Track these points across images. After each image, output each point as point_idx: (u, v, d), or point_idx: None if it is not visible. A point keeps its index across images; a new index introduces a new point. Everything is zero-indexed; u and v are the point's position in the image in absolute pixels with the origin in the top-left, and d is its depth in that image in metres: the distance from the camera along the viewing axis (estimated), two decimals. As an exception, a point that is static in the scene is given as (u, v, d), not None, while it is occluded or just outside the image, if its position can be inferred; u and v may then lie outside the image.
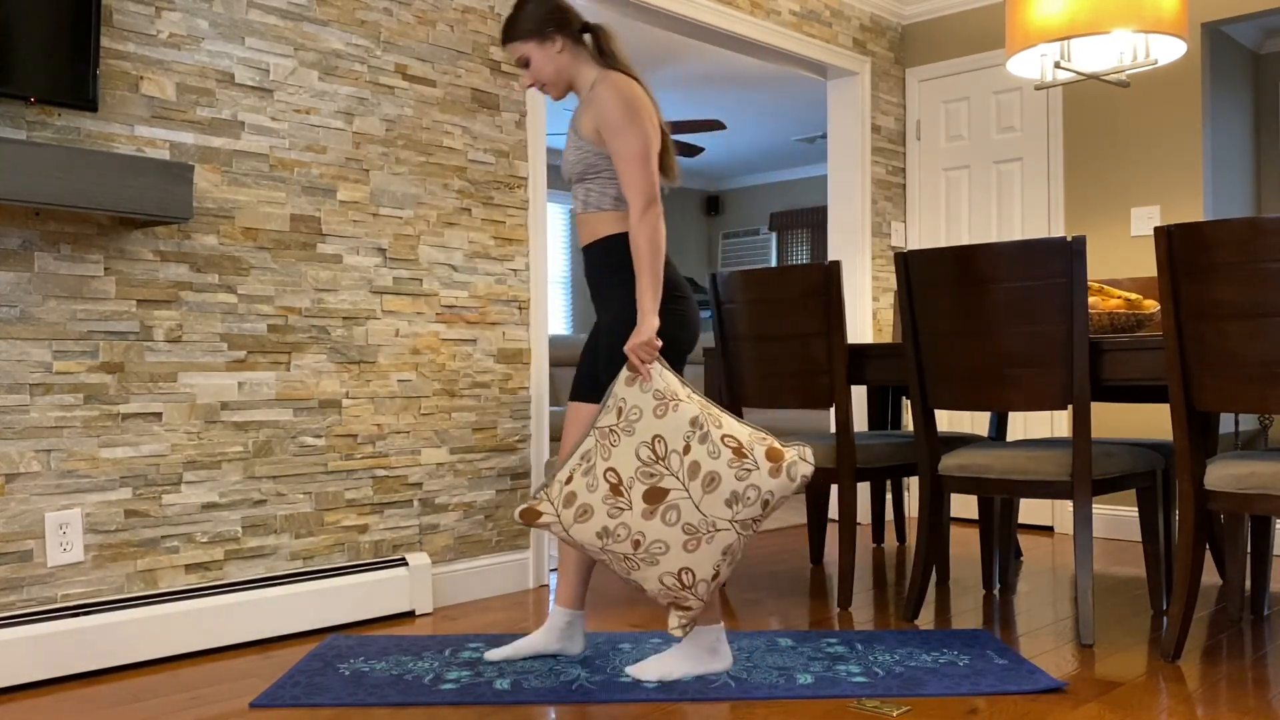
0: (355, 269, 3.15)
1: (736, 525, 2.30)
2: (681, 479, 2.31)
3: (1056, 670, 2.59)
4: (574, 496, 2.36)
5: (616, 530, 2.32)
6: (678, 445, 2.32)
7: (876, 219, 5.13)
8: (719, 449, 2.31)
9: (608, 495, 2.33)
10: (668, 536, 2.29)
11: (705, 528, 2.29)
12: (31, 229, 2.54)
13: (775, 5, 4.58)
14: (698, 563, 2.30)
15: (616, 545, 2.32)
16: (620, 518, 2.31)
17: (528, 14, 2.53)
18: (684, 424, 2.33)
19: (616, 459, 2.34)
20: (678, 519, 2.29)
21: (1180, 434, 2.62)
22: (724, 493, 2.29)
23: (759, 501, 2.30)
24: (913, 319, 3.10)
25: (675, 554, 2.30)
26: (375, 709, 2.31)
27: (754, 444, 2.33)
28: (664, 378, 2.39)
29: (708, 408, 2.37)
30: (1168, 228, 2.59)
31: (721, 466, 2.30)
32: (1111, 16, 3.06)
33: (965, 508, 5.02)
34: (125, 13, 2.68)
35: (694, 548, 2.29)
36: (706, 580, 2.31)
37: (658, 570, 2.31)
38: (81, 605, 2.59)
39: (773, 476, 2.31)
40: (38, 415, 2.55)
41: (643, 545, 2.31)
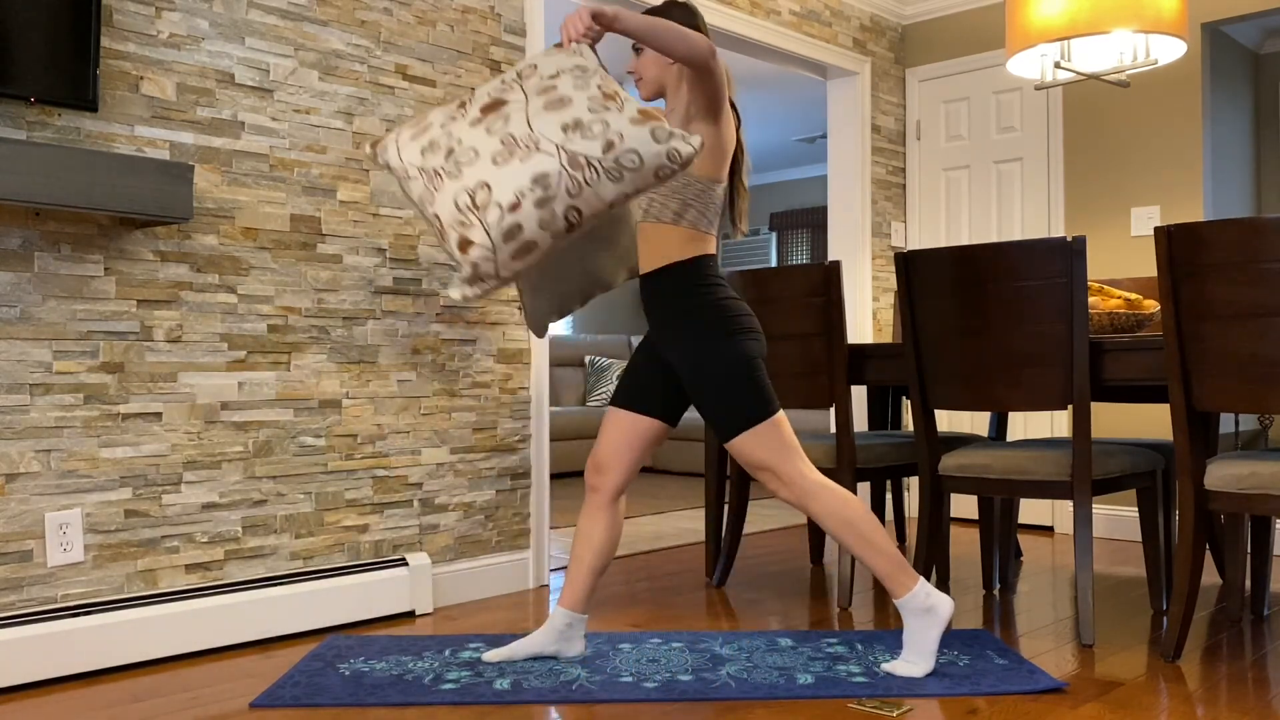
0: (355, 269, 3.15)
1: (563, 154, 1.93)
2: (527, 92, 1.99)
3: (1056, 670, 2.59)
4: (424, 117, 2.15)
5: (438, 140, 2.03)
6: (546, 71, 2.02)
7: (876, 219, 5.13)
8: (589, 86, 1.98)
9: (454, 109, 2.08)
10: (482, 144, 1.97)
11: (526, 143, 1.94)
12: (31, 229, 2.54)
13: (775, 5, 4.58)
14: (499, 181, 1.94)
15: (431, 159, 2.02)
16: (449, 126, 2.04)
17: (670, 18, 2.53)
18: (568, 64, 2.03)
19: (484, 86, 2.11)
20: (503, 128, 1.97)
21: (1180, 434, 2.62)
22: (566, 115, 1.95)
23: (601, 139, 1.94)
24: (913, 319, 3.10)
25: (482, 165, 1.96)
26: (375, 709, 2.31)
27: (633, 100, 2.02)
28: (585, 55, 2.10)
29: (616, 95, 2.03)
30: (1167, 228, 2.59)
31: (579, 96, 1.96)
32: (1111, 16, 3.06)
33: (965, 508, 5.03)
34: (125, 13, 2.68)
35: (503, 161, 1.94)
36: (500, 206, 1.94)
37: (457, 185, 1.97)
38: (81, 605, 2.59)
39: (634, 124, 1.97)
40: (38, 415, 2.55)
41: (455, 153, 2.00)
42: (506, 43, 3.55)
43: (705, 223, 2.53)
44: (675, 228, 2.51)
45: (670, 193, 2.50)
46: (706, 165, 2.48)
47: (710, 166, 2.49)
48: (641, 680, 2.46)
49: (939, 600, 2.49)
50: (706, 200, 2.51)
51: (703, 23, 2.57)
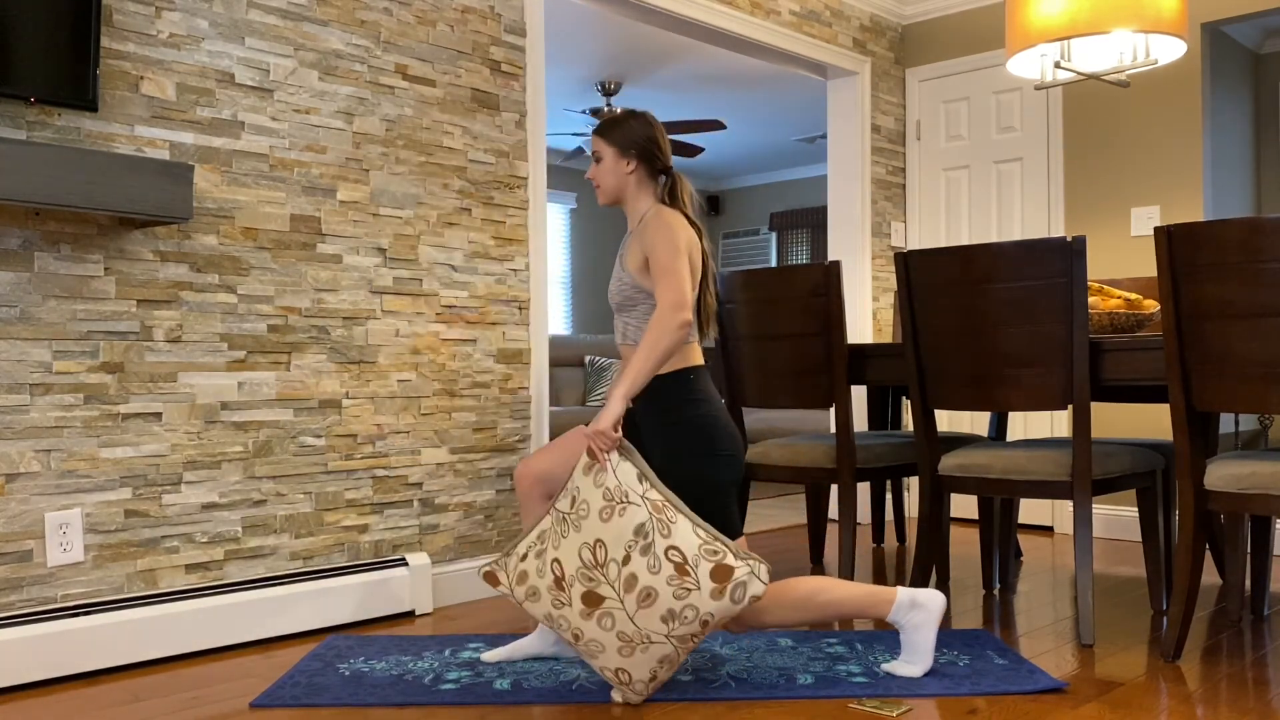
0: (355, 269, 3.15)
1: (673, 640, 2.24)
2: (617, 590, 2.24)
3: (1056, 670, 2.59)
4: (525, 576, 2.36)
5: (559, 620, 2.32)
6: (618, 554, 2.25)
7: (876, 219, 5.13)
8: (660, 563, 2.22)
9: (552, 586, 2.32)
10: (603, 639, 2.26)
11: (639, 639, 2.23)
12: (31, 229, 2.54)
13: (775, 5, 4.58)
14: (633, 666, 2.27)
15: (561, 631, 2.33)
16: (562, 610, 2.30)
17: (626, 128, 2.59)
18: (627, 532, 2.25)
19: (563, 551, 2.31)
20: (612, 626, 2.25)
21: (1180, 434, 2.62)
22: (660, 609, 2.21)
23: (697, 621, 2.22)
24: (913, 319, 3.10)
25: (611, 655, 2.27)
26: (375, 709, 2.31)
27: (700, 560, 2.22)
28: (620, 472, 2.30)
29: (662, 510, 2.27)
30: (1167, 228, 2.59)
31: (660, 583, 2.21)
32: (1111, 16, 3.05)
33: (965, 508, 5.02)
34: (125, 13, 2.68)
35: (628, 654, 2.26)
36: (644, 681, 2.28)
37: (597, 663, 2.31)
38: (81, 605, 2.59)
39: (714, 599, 2.21)
40: (38, 415, 2.55)
41: (581, 640, 2.29)
42: (506, 43, 3.55)
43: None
44: None
45: (643, 316, 2.55)
46: None
47: None
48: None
49: (926, 598, 2.48)
50: None
51: (658, 132, 2.60)
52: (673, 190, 2.61)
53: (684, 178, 2.63)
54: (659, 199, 2.62)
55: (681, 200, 2.60)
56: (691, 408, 2.48)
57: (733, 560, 2.23)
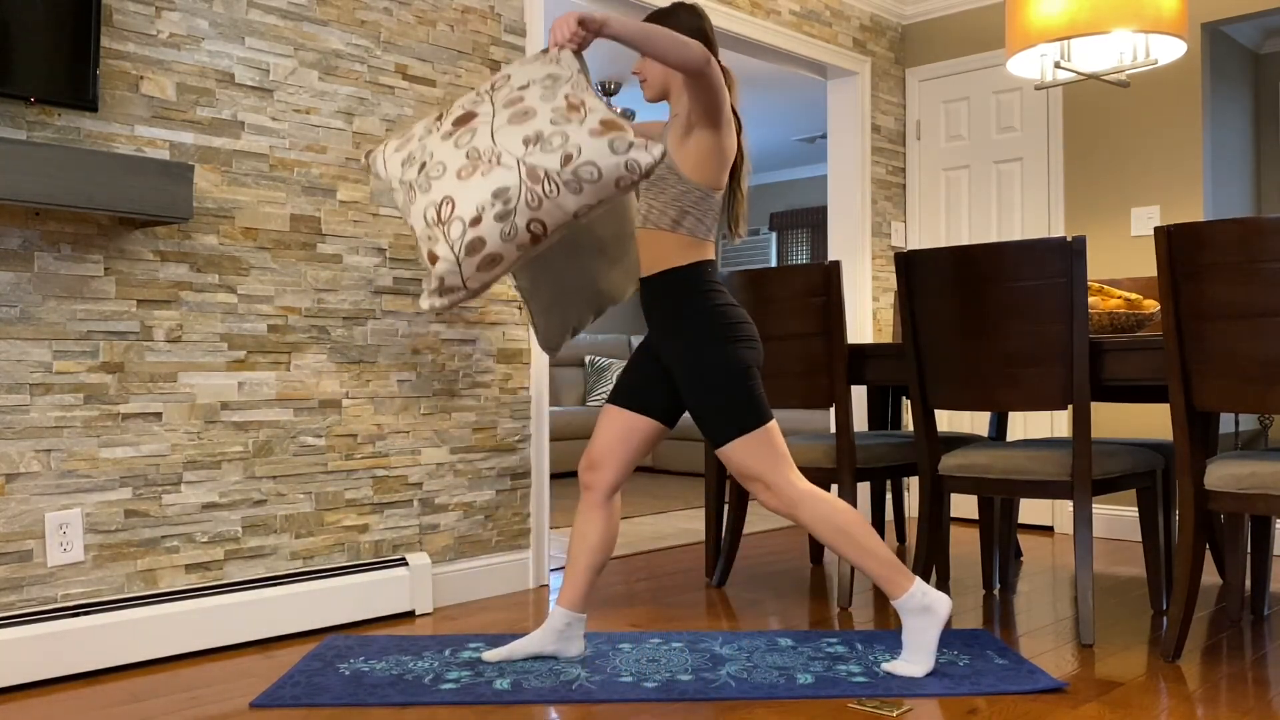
0: (355, 269, 3.15)
1: (522, 166, 1.97)
2: (495, 104, 2.03)
3: (1056, 670, 2.59)
4: (409, 128, 2.22)
5: (415, 154, 2.09)
6: (517, 82, 2.06)
7: (876, 219, 5.13)
8: (555, 97, 2.01)
9: (432, 121, 2.14)
10: (449, 158, 2.03)
11: (488, 157, 1.99)
12: (31, 229, 2.54)
13: (775, 5, 4.58)
14: (462, 195, 2.00)
15: (408, 172, 2.09)
16: (425, 140, 2.10)
17: (676, 19, 2.55)
18: (539, 74, 2.06)
19: (465, 97, 2.15)
20: (469, 141, 2.02)
21: (1180, 434, 2.62)
22: (528, 129, 1.98)
23: (560, 151, 1.97)
24: (913, 319, 3.10)
25: (447, 179, 2.01)
26: (375, 709, 2.31)
27: (597, 110, 2.02)
28: (563, 59, 2.12)
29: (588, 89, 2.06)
30: (1167, 228, 2.59)
31: (544, 108, 1.99)
32: (1111, 16, 3.06)
33: (965, 508, 5.02)
34: (125, 13, 2.68)
35: (466, 175, 2.00)
36: (462, 220, 1.99)
37: (426, 199, 2.04)
38: (81, 605, 2.59)
39: (592, 136, 1.98)
40: (38, 415, 2.55)
41: (426, 167, 2.06)
42: (506, 43, 3.55)
43: (703, 229, 2.53)
44: (673, 234, 2.51)
45: (669, 200, 2.50)
46: (706, 172, 2.48)
47: (710, 174, 2.49)
48: (641, 680, 2.46)
49: (936, 599, 2.49)
50: (705, 207, 2.52)
51: (708, 25, 2.57)
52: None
53: (731, 72, 2.58)
54: None
55: (731, 92, 2.57)
56: (709, 298, 2.51)
57: (630, 129, 2.05)
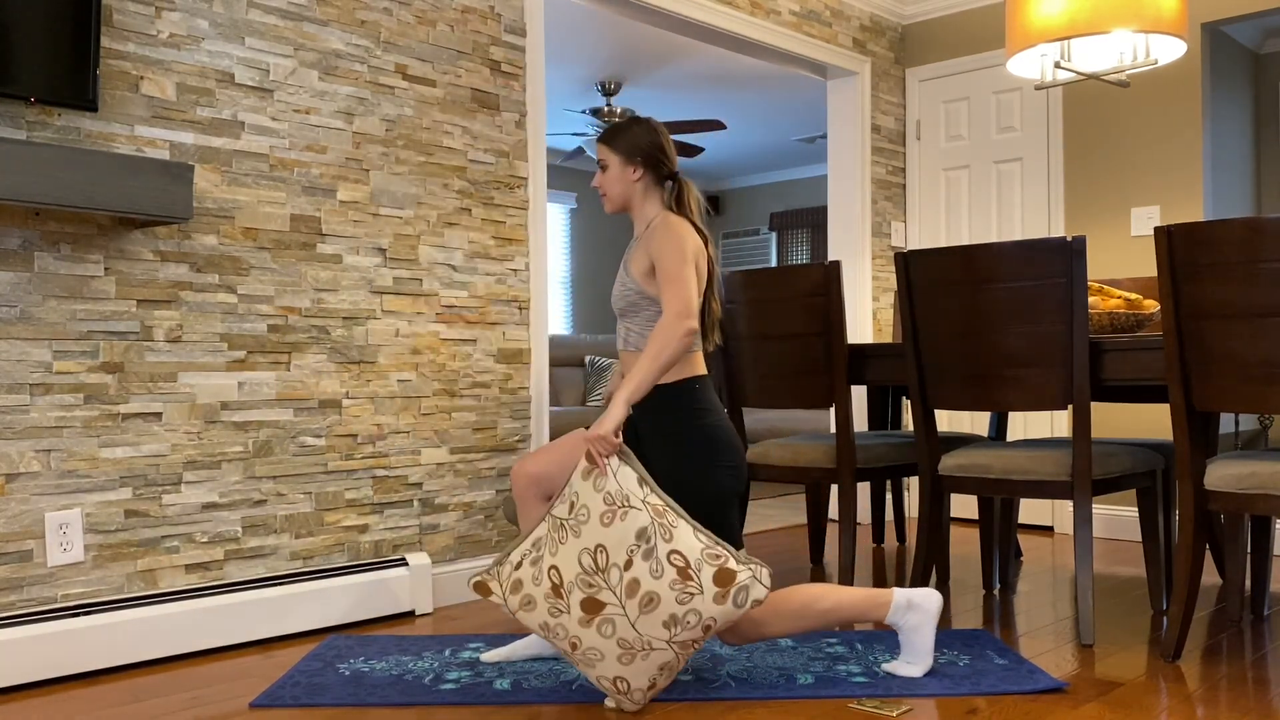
0: (355, 269, 3.15)
1: (674, 646, 2.21)
2: (619, 595, 2.22)
3: (1056, 670, 2.59)
4: (520, 584, 2.33)
5: (556, 629, 2.28)
6: (619, 559, 2.22)
7: (876, 219, 5.13)
8: (662, 567, 2.20)
9: (549, 594, 2.28)
10: (603, 647, 2.23)
11: (640, 645, 2.21)
12: (31, 229, 2.54)
13: (775, 5, 4.58)
14: (633, 674, 2.24)
15: (556, 640, 2.29)
16: (559, 618, 2.27)
17: (631, 135, 2.58)
18: (629, 536, 2.23)
19: (561, 558, 2.28)
20: (613, 633, 2.22)
21: (1180, 434, 2.62)
22: (662, 614, 2.19)
23: (699, 626, 2.20)
24: (913, 319, 3.10)
25: (610, 663, 2.24)
26: (375, 709, 2.31)
27: (703, 564, 2.21)
28: (620, 477, 2.28)
29: (663, 514, 2.25)
30: (1167, 228, 2.59)
31: (663, 587, 2.19)
32: (1111, 16, 3.05)
33: (965, 508, 5.02)
34: (125, 13, 2.68)
35: (628, 661, 2.23)
36: (642, 689, 2.26)
37: (595, 672, 2.27)
38: (81, 605, 2.59)
39: (717, 603, 2.19)
40: (38, 415, 2.55)
41: (579, 649, 2.26)
42: (506, 43, 3.55)
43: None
44: None
45: (644, 322, 2.53)
46: None
47: None
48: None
49: (922, 598, 2.48)
50: None
51: (663, 138, 2.59)
52: (679, 196, 2.60)
53: (690, 184, 2.62)
54: (666, 205, 2.61)
55: (688, 206, 2.59)
56: (696, 418, 2.47)
57: (735, 565, 2.22)
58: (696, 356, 2.54)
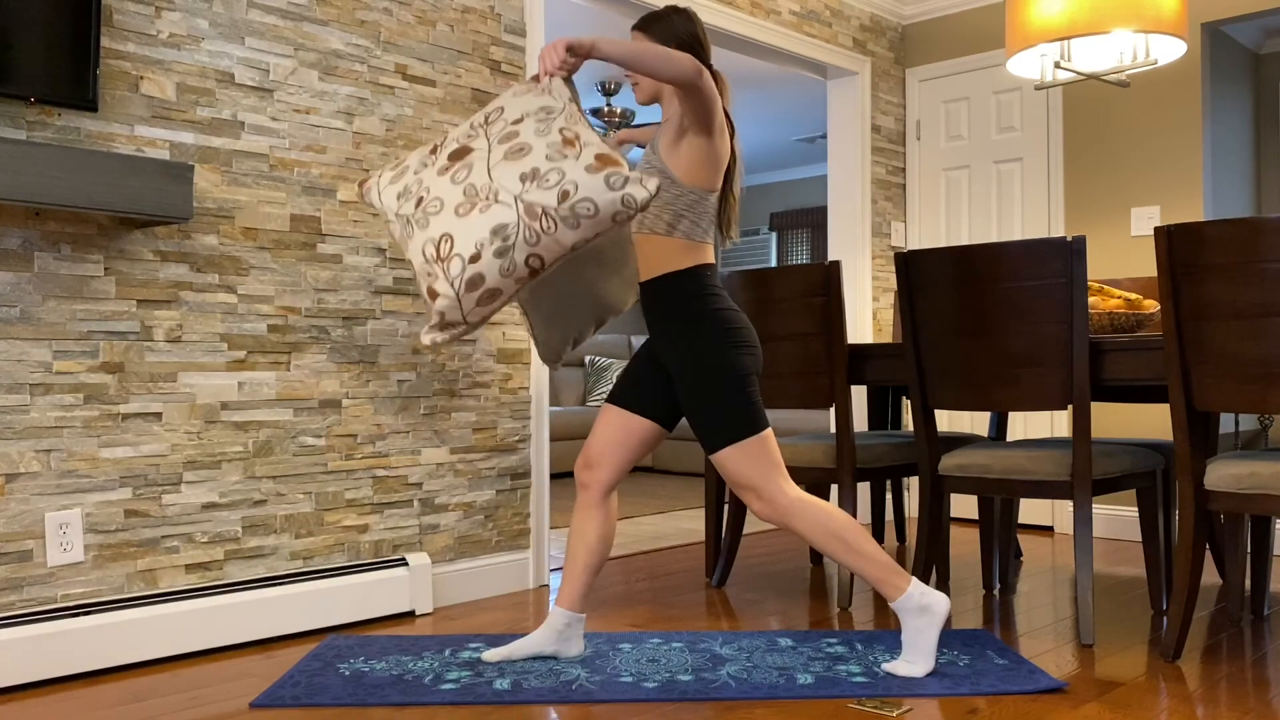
0: (355, 269, 3.15)
1: (520, 204, 1.97)
2: (490, 140, 2.03)
3: (1056, 670, 2.59)
4: (402, 159, 2.20)
5: (410, 187, 2.09)
6: (511, 115, 2.05)
7: (876, 219, 5.13)
8: (550, 131, 2.01)
9: (426, 154, 2.13)
10: (447, 194, 2.03)
11: (486, 194, 1.99)
12: (31, 229, 2.54)
13: (775, 5, 4.58)
14: (460, 232, 2.00)
15: (405, 206, 2.09)
16: (421, 174, 2.09)
17: (669, 23, 2.55)
18: (532, 107, 2.06)
19: (458, 129, 2.14)
20: (466, 177, 2.02)
21: (1180, 434, 2.62)
22: (524, 165, 1.99)
23: (557, 188, 1.97)
24: (913, 319, 3.10)
25: (445, 216, 2.01)
26: (375, 709, 2.31)
27: (592, 144, 2.02)
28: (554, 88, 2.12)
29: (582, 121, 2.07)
30: (1167, 228, 2.59)
31: (539, 144, 1.99)
32: (1111, 16, 3.06)
33: (965, 508, 5.02)
34: (125, 13, 2.68)
35: (465, 212, 2.00)
36: (461, 258, 1.99)
37: (424, 235, 2.05)
38: (81, 605, 2.59)
39: (588, 172, 1.98)
40: (38, 415, 2.55)
41: (424, 202, 2.05)
42: (506, 43, 3.55)
43: (700, 232, 2.52)
44: (670, 238, 2.51)
45: (664, 204, 2.49)
46: (700, 176, 2.48)
47: (704, 177, 2.49)
48: (641, 680, 2.46)
49: (934, 599, 2.49)
50: (700, 210, 2.51)
51: (700, 28, 2.57)
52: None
53: (723, 75, 2.57)
54: None
55: (722, 96, 2.56)
56: (709, 302, 2.50)
57: (625, 164, 2.05)
58: (706, 247, 2.54)
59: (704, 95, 2.36)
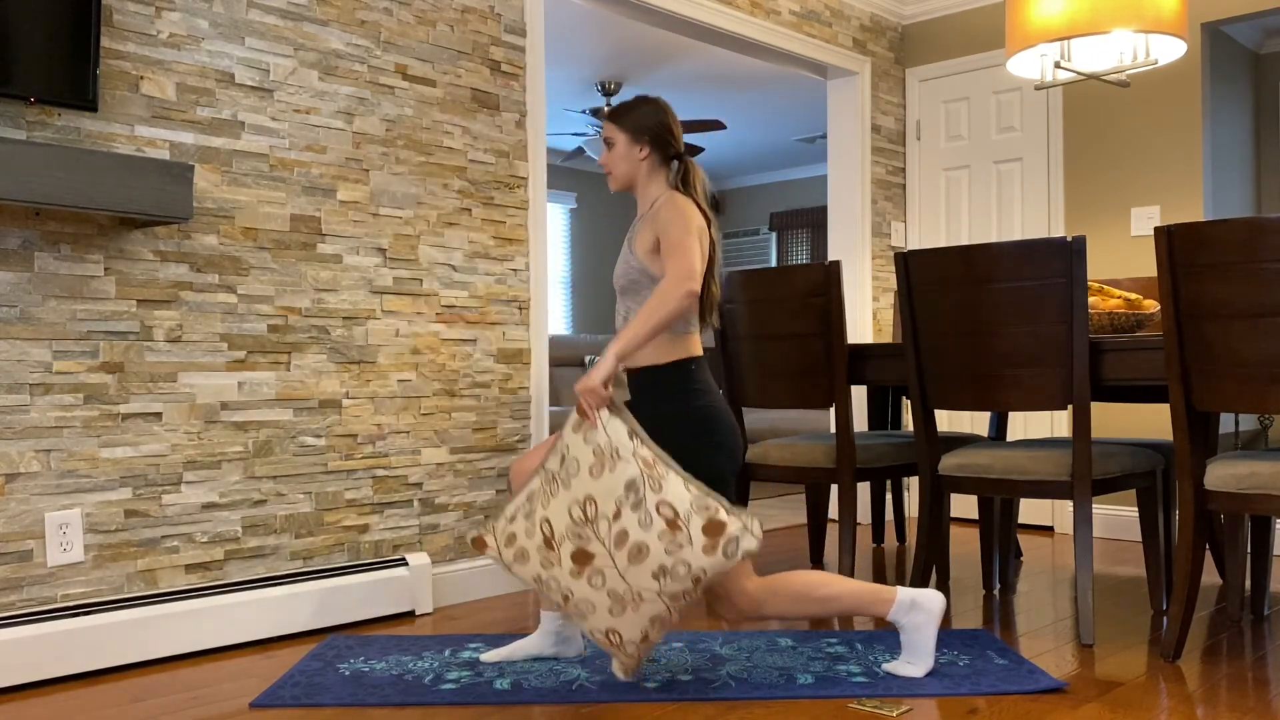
0: (355, 269, 3.15)
1: (664, 598, 2.19)
2: (608, 546, 2.21)
3: (1056, 670, 2.59)
4: (514, 538, 2.32)
5: (548, 581, 2.27)
6: (608, 510, 2.21)
7: (876, 219, 5.13)
8: (651, 518, 2.19)
9: (541, 546, 2.28)
10: (594, 598, 2.23)
11: (630, 596, 2.20)
12: (31, 229, 2.54)
13: (775, 5, 4.58)
14: (624, 626, 2.23)
15: (550, 594, 2.29)
16: (551, 570, 2.26)
17: (639, 114, 2.58)
18: (618, 487, 2.22)
19: (553, 510, 2.27)
20: (603, 584, 2.21)
21: (1180, 434, 2.62)
22: (651, 565, 2.18)
23: (689, 577, 2.18)
24: (913, 319, 3.10)
25: (602, 615, 2.23)
26: (375, 709, 2.31)
27: (692, 515, 2.19)
28: (610, 429, 2.27)
29: (653, 466, 2.24)
30: (1167, 228, 2.59)
31: (651, 538, 2.18)
32: (1111, 16, 3.05)
33: (965, 508, 5.02)
34: (125, 13, 2.68)
35: (619, 613, 2.22)
36: (635, 642, 2.24)
37: (587, 625, 2.27)
38: (81, 605, 2.59)
39: (706, 554, 2.17)
40: (38, 415, 2.55)
41: (571, 601, 2.25)
42: (506, 43, 3.55)
43: (684, 325, 2.51)
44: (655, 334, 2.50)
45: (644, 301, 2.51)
46: None
47: None
48: (641, 680, 2.46)
49: (926, 598, 2.48)
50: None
51: (671, 118, 2.59)
52: (685, 177, 2.59)
53: (696, 165, 2.61)
54: (672, 185, 2.60)
55: (694, 187, 2.58)
56: (691, 398, 2.48)
57: (724, 515, 2.20)
58: (694, 338, 2.53)
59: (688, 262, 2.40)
